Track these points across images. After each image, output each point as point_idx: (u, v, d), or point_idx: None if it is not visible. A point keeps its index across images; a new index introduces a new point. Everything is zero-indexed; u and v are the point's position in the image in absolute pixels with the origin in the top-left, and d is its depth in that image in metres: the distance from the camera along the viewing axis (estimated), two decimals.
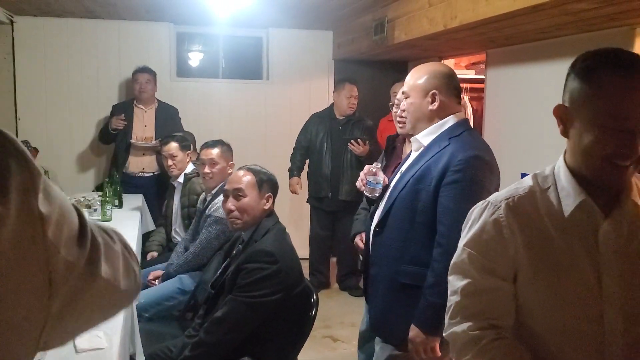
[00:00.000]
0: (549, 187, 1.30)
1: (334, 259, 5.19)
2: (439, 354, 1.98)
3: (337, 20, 5.34)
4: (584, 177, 1.25)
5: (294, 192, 4.99)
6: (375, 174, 2.27)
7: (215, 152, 3.46)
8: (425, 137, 2.14)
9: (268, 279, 2.18)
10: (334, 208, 4.87)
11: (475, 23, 3.25)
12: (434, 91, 2.13)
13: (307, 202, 5.07)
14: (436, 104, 2.13)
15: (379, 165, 2.37)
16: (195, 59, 6.11)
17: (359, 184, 2.37)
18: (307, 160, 5.02)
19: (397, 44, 4.34)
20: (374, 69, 5.74)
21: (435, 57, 5.15)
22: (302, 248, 5.27)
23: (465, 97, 5.69)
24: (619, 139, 1.16)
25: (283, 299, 2.22)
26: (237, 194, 2.40)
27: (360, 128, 4.79)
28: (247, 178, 2.43)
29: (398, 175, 2.19)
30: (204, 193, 3.61)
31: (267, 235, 2.32)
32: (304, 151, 4.98)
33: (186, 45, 5.97)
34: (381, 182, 2.26)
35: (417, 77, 2.18)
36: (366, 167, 2.34)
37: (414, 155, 2.18)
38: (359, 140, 4.58)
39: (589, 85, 1.19)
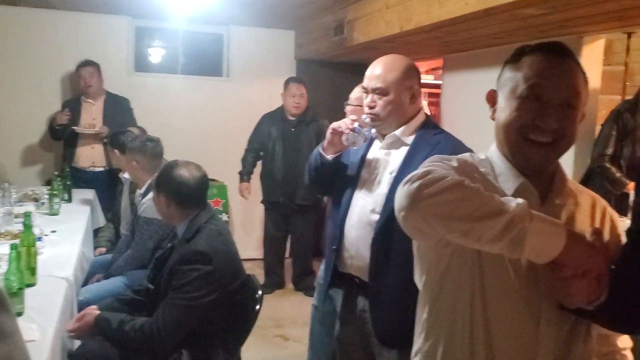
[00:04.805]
0: (487, 171, 1.31)
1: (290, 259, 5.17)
2: None
3: (298, 19, 5.34)
4: (513, 162, 1.27)
5: (242, 196, 4.95)
6: (365, 126, 2.05)
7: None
8: (405, 135, 2.04)
9: (202, 279, 2.16)
10: (287, 211, 4.82)
11: (429, 26, 3.29)
12: (416, 87, 2.05)
13: (262, 203, 5.01)
14: (416, 100, 2.06)
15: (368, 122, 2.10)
16: (154, 54, 6.02)
17: (340, 125, 2.08)
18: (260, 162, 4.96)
19: (355, 45, 4.36)
20: (335, 70, 5.76)
21: None
22: (257, 248, 5.28)
23: (424, 102, 5.77)
24: (534, 110, 1.21)
25: (220, 298, 2.20)
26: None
27: (315, 129, 4.76)
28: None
29: (388, 178, 2.01)
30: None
31: (199, 234, 2.28)
32: (256, 153, 4.91)
33: (146, 40, 5.88)
34: (365, 138, 2.06)
35: (395, 72, 2.02)
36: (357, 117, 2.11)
37: (396, 155, 2.03)
38: None
39: (513, 65, 1.27)
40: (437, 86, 5.72)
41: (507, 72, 1.29)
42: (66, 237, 3.18)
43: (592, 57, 3.37)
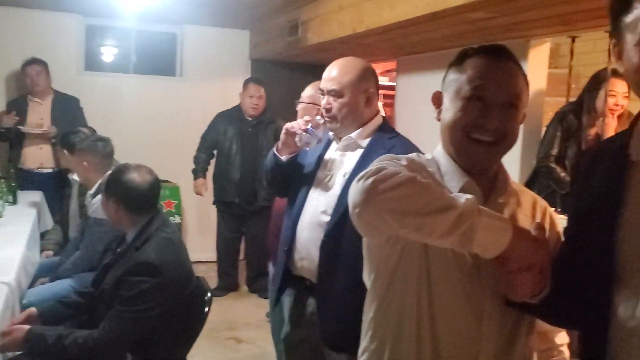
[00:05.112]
0: (433, 171, 1.32)
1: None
2: None
3: (253, 19, 5.31)
4: (458, 161, 1.30)
5: (198, 193, 4.88)
6: (318, 127, 2.05)
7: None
8: (360, 138, 2.03)
9: (150, 292, 2.10)
10: (242, 212, 4.78)
11: (381, 28, 3.33)
12: (372, 90, 2.04)
13: (214, 204, 4.95)
14: (372, 103, 2.04)
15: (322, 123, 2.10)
16: (106, 53, 5.90)
17: (294, 125, 2.07)
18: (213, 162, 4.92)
19: (310, 46, 4.37)
20: (290, 71, 5.74)
21: None
22: (212, 250, 5.21)
23: (379, 103, 5.80)
24: (478, 110, 1.24)
25: (168, 308, 2.15)
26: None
27: (273, 130, 4.74)
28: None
29: (341, 180, 2.00)
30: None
31: (149, 242, 2.20)
32: (210, 151, 4.85)
33: (97, 38, 5.74)
34: (318, 139, 2.06)
35: (350, 74, 2.01)
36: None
37: (351, 157, 2.03)
38: None
39: (457, 67, 1.30)
40: (392, 88, 5.77)
41: (452, 74, 1.32)
42: (9, 241, 3.08)
43: (538, 60, 3.46)
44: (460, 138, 1.27)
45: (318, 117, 2.06)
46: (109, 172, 2.59)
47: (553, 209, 1.44)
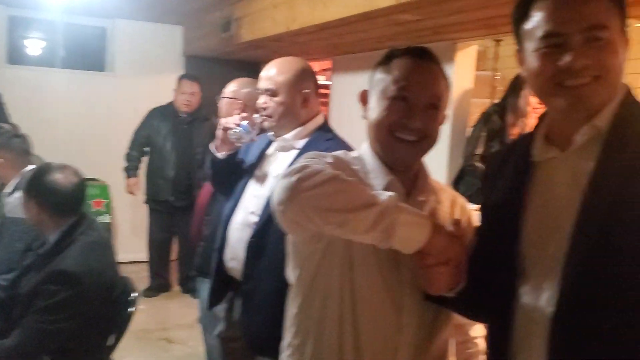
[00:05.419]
0: (358, 168, 1.35)
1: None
2: None
3: (186, 15, 5.23)
4: (383, 159, 1.33)
5: (131, 192, 4.77)
6: (254, 124, 2.05)
7: None
8: (295, 139, 2.01)
9: (68, 302, 2.01)
10: (174, 211, 4.69)
11: (314, 27, 3.34)
12: (307, 90, 2.00)
13: (145, 203, 4.84)
14: (308, 103, 2.01)
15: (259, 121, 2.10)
16: (31, 45, 5.66)
17: (229, 121, 2.08)
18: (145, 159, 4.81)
19: (243, 43, 4.35)
20: (226, 68, 5.66)
21: None
22: (143, 250, 5.08)
23: None
24: (402, 110, 1.28)
25: (88, 315, 2.08)
26: None
27: (208, 127, 4.66)
28: None
29: (272, 181, 1.98)
30: None
31: (71, 247, 2.12)
32: (142, 148, 4.75)
33: (21, 30, 5.50)
34: (252, 136, 2.06)
35: (286, 73, 2.00)
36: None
37: (284, 159, 2.01)
38: None
39: (384, 67, 1.34)
40: (328, 87, 5.81)
41: (378, 74, 1.35)
42: None
43: (465, 62, 3.57)
44: (385, 136, 1.30)
45: (256, 115, 2.05)
46: (27, 169, 2.48)
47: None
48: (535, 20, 1.08)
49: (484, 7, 2.56)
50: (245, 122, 2.05)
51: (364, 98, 1.40)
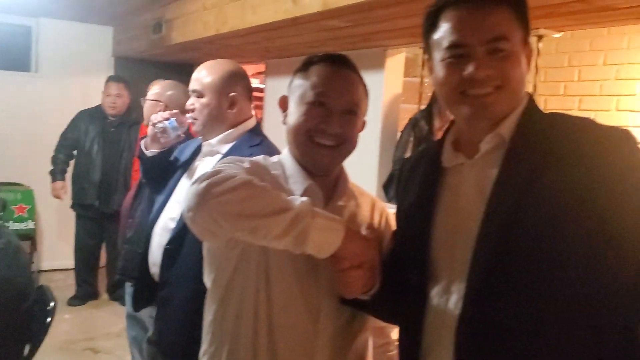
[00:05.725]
0: (278, 173, 1.35)
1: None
2: None
3: (116, 15, 5.10)
4: (302, 164, 1.34)
5: (57, 197, 4.60)
6: (183, 124, 2.06)
7: None
8: (221, 144, 1.96)
9: None
10: (101, 216, 4.57)
11: (244, 30, 3.33)
12: (233, 94, 1.95)
13: (72, 208, 4.69)
14: (235, 107, 1.96)
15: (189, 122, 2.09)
16: None
17: (157, 117, 2.07)
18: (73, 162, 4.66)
19: (174, 45, 4.29)
20: (158, 70, 5.55)
21: None
22: (71, 257, 4.90)
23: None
24: (320, 115, 1.29)
25: None
26: None
27: (137, 131, 4.55)
28: None
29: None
30: None
31: None
32: (69, 151, 4.60)
33: None
34: (177, 134, 2.07)
35: (213, 75, 1.96)
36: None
37: (208, 164, 1.95)
38: None
39: (303, 73, 1.35)
40: (263, 90, 5.80)
41: (297, 80, 1.36)
42: None
43: (394, 69, 3.64)
44: (304, 141, 1.31)
45: (188, 115, 2.02)
46: None
47: None
48: (442, 31, 1.11)
49: (410, 15, 2.62)
50: (173, 119, 2.06)
51: (283, 103, 1.40)
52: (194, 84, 1.99)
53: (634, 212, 0.98)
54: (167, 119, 2.05)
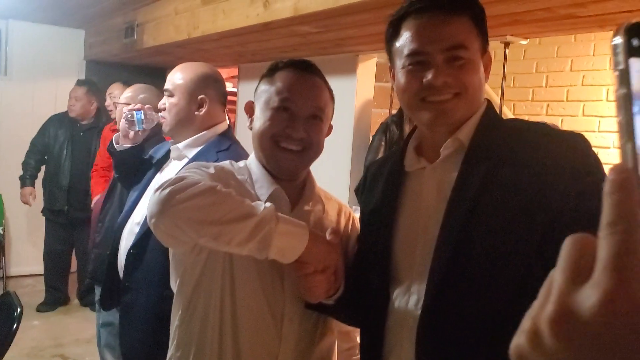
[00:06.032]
0: (244, 178, 1.36)
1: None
2: None
3: (88, 19, 5.05)
4: (268, 168, 1.35)
5: (25, 202, 4.54)
6: (152, 121, 2.10)
7: None
8: (188, 148, 1.94)
9: None
10: (71, 222, 4.51)
11: (216, 35, 3.33)
12: (202, 96, 1.94)
13: (42, 213, 4.63)
14: (203, 110, 1.94)
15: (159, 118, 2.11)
16: None
17: (127, 108, 2.13)
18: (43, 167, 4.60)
19: (146, 48, 4.26)
20: (130, 74, 5.51)
21: None
22: (41, 263, 4.84)
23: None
24: (285, 120, 1.30)
25: None
26: None
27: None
28: None
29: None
30: None
31: None
32: (40, 156, 4.55)
33: None
34: (143, 127, 2.11)
35: (184, 76, 1.96)
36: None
37: (175, 168, 1.94)
38: None
39: (268, 78, 1.36)
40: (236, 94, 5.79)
41: (263, 85, 1.37)
42: None
43: (366, 74, 3.68)
44: (270, 146, 1.32)
45: (160, 114, 2.03)
46: None
47: None
48: (403, 39, 1.14)
49: (379, 22, 2.61)
50: (141, 112, 2.10)
51: (249, 109, 1.41)
52: (167, 84, 2.01)
53: (586, 213, 1.01)
54: (137, 110, 2.10)
